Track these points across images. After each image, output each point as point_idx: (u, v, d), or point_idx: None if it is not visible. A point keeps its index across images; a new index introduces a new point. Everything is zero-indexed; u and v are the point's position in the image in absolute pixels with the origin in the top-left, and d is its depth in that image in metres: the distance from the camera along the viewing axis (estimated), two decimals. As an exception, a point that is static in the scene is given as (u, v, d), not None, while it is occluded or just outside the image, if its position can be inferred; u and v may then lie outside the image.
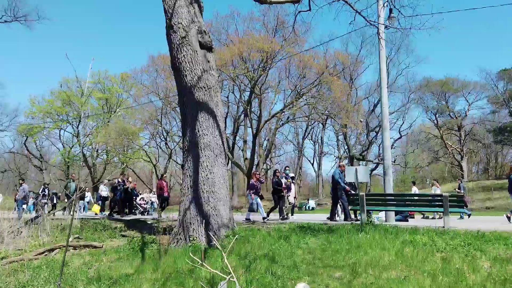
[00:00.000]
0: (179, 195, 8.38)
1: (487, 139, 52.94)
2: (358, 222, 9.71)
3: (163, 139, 38.44)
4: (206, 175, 7.51)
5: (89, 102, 41.83)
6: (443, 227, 7.98)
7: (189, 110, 7.86)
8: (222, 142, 7.99)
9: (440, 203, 7.98)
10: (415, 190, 15.99)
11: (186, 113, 7.96)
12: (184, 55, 7.92)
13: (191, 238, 7.15)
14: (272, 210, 12.67)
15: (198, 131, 7.70)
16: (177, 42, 7.97)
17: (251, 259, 5.84)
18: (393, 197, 9.92)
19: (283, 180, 12.51)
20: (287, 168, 13.27)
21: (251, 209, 12.03)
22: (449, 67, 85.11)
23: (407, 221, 11.43)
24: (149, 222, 12.08)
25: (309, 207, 35.39)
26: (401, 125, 45.65)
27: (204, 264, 4.86)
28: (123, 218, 14.15)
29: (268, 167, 58.00)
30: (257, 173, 13.11)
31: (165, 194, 15.25)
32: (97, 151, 43.76)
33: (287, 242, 6.75)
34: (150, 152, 41.52)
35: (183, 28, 7.98)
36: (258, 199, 11.93)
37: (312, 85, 24.49)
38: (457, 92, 52.55)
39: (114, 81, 40.88)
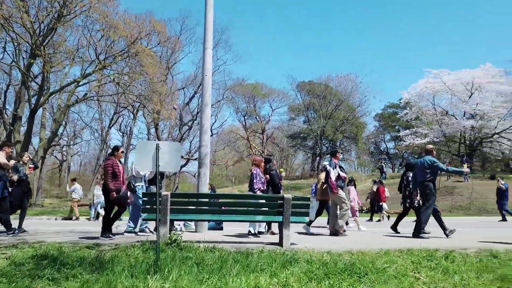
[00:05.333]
0: None
1: (283, 143, 58.91)
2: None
3: None
4: None
5: None
6: (280, 244, 5.41)
7: None
8: None
9: (280, 209, 5.38)
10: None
11: None
12: None
13: None
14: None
15: None
16: None
17: None
18: (208, 199, 6.96)
19: (338, 172, 7.68)
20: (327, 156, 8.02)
21: None
22: (262, 71, 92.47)
23: (222, 229, 8.74)
24: None
25: (105, 206, 29.88)
26: (213, 124, 45.01)
27: None
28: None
29: (64, 157, 48.38)
30: (262, 160, 7.83)
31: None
32: None
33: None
34: None
35: None
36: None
37: (119, 55, 19.71)
38: (264, 98, 56.62)
39: None
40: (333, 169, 7.67)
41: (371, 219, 15.04)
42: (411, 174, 8.33)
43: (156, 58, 22.31)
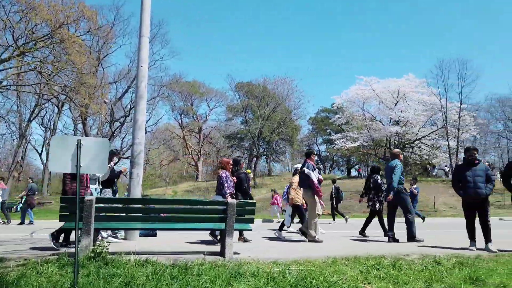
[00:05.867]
0: None
1: (220, 143, 58.42)
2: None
3: None
4: None
5: None
6: (222, 254, 4.92)
7: None
8: None
9: (223, 215, 4.89)
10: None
11: None
12: None
13: None
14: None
15: None
16: None
17: None
18: (141, 205, 6.25)
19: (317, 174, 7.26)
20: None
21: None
22: (200, 69, 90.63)
23: (155, 235, 8.02)
24: None
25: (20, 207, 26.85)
26: (147, 121, 42.86)
27: None
28: None
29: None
30: (230, 162, 7.29)
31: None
32: None
33: None
34: None
35: None
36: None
37: (41, 40, 17.70)
38: (202, 97, 55.69)
39: None
40: (313, 171, 7.18)
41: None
42: (378, 177, 8.42)
43: (85, 47, 20.50)
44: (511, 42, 75.77)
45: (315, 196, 7.05)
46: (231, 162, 7.23)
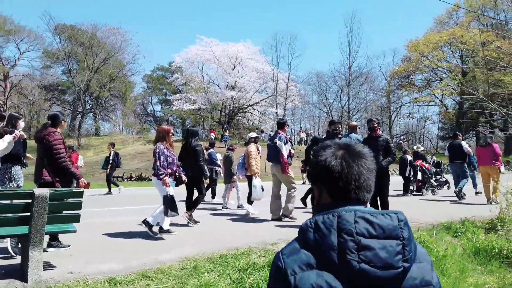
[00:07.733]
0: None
1: (34, 95, 49.13)
2: None
3: None
4: None
5: None
6: (23, 277, 3.12)
7: None
8: None
9: (25, 214, 3.02)
10: None
11: None
12: None
13: None
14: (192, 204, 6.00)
15: None
16: None
17: None
18: None
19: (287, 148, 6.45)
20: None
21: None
22: (8, 2, 72.30)
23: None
24: None
25: None
26: None
27: None
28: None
29: None
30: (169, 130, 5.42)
31: None
32: None
33: None
34: None
35: None
36: (170, 188, 5.00)
37: None
38: (9, 35, 44.76)
39: None
40: (285, 144, 6.38)
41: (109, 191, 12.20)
42: None
43: None
44: (327, 24, 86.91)
45: (285, 170, 6.36)
46: (171, 131, 5.47)
